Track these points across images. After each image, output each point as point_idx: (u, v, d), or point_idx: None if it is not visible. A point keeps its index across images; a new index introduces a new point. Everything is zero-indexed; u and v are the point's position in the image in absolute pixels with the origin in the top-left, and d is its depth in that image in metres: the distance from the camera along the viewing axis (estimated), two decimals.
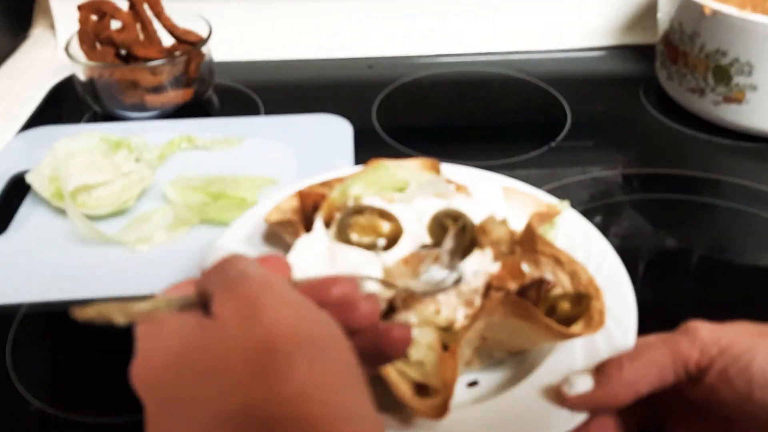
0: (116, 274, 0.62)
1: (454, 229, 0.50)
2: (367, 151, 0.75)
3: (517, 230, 0.52)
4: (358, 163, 0.73)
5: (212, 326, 0.32)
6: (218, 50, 0.88)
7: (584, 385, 0.43)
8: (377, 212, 0.52)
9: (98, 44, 0.83)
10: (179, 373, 0.31)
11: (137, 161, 0.72)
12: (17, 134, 0.82)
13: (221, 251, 0.36)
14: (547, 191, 0.61)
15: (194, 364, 0.31)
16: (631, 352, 0.44)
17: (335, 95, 0.90)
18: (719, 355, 0.41)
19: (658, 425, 0.47)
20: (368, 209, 0.52)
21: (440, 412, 0.42)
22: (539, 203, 0.57)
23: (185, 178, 0.71)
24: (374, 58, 0.97)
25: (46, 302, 0.60)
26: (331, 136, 0.79)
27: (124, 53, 0.83)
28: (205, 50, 0.85)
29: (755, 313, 0.45)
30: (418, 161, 0.59)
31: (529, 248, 0.51)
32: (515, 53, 0.98)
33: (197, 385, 0.31)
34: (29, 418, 0.52)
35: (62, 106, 0.90)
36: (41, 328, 0.60)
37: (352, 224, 0.51)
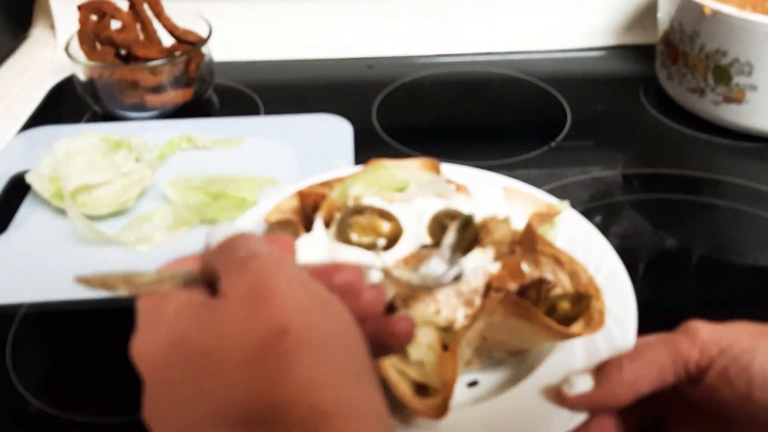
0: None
1: (456, 223, 0.49)
2: (367, 151, 0.75)
3: (518, 230, 0.52)
4: (358, 163, 0.73)
5: (219, 306, 0.31)
6: (218, 50, 0.88)
7: (584, 385, 0.43)
8: (377, 212, 0.52)
9: (98, 44, 0.83)
10: (182, 352, 0.30)
11: (137, 161, 0.72)
12: (17, 134, 0.82)
13: (227, 229, 0.35)
14: (547, 191, 0.61)
15: (199, 344, 0.30)
16: (631, 352, 0.44)
17: (335, 95, 0.90)
18: (719, 355, 0.41)
19: (658, 425, 0.47)
20: (368, 209, 0.52)
21: (440, 412, 0.42)
22: (539, 203, 0.57)
23: (185, 178, 0.71)
24: (374, 58, 0.97)
25: (46, 302, 0.60)
26: (331, 136, 0.79)
27: (124, 53, 0.83)
28: (205, 50, 0.85)
29: (755, 313, 0.45)
30: (418, 161, 0.59)
31: (529, 248, 0.51)
32: (515, 53, 0.98)
33: (201, 367, 0.30)
34: (29, 418, 0.52)
35: (62, 106, 0.90)
36: (41, 328, 0.60)
37: (352, 224, 0.51)
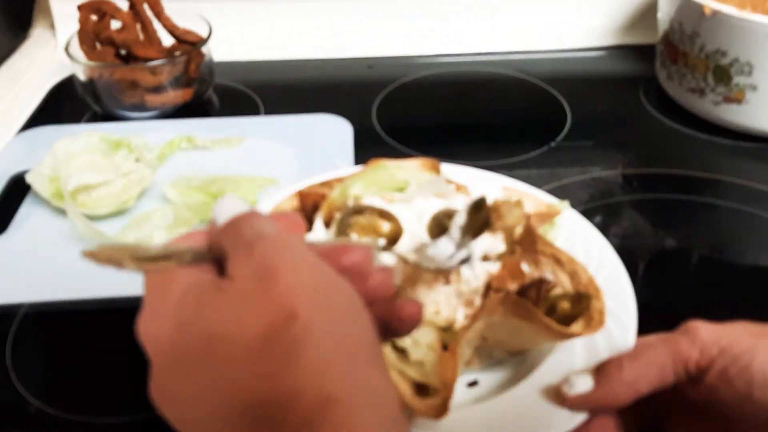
0: (116, 274, 0.62)
1: (468, 204, 0.48)
2: (367, 151, 0.75)
3: (530, 213, 0.52)
4: (358, 163, 0.73)
5: (227, 289, 0.30)
6: (218, 50, 0.88)
7: (584, 385, 0.43)
8: (377, 212, 0.52)
9: (98, 44, 0.83)
10: (189, 335, 0.30)
11: (137, 161, 0.72)
12: (17, 134, 0.82)
13: (235, 203, 0.34)
14: (547, 191, 0.61)
15: (206, 327, 0.30)
16: (631, 352, 0.44)
17: (335, 95, 0.90)
18: (719, 355, 0.41)
19: (658, 425, 0.47)
20: (368, 209, 0.52)
21: (440, 411, 0.42)
22: (539, 203, 0.57)
23: (185, 178, 0.71)
24: (374, 58, 0.97)
25: (46, 302, 0.60)
26: (331, 136, 0.79)
27: (124, 53, 0.83)
28: (205, 50, 0.85)
29: (755, 313, 0.45)
30: (418, 161, 0.59)
31: (529, 248, 0.51)
32: (515, 53, 0.98)
33: (207, 350, 0.29)
34: (29, 417, 0.52)
35: (62, 106, 0.90)
36: (41, 328, 0.60)
37: (352, 224, 0.51)
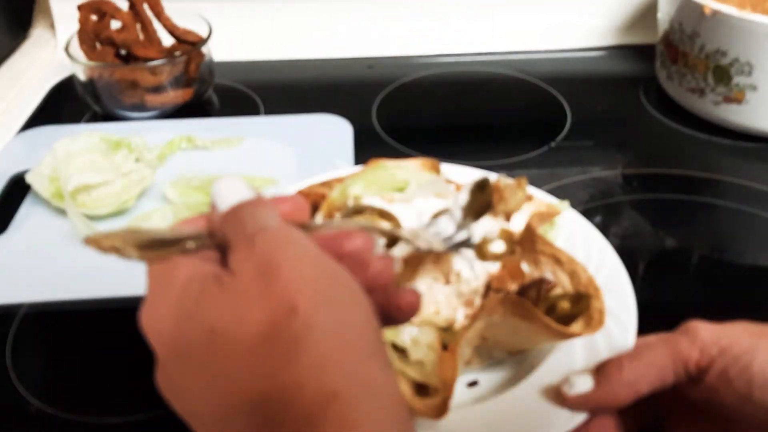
0: (116, 274, 0.62)
1: (471, 183, 0.48)
2: (367, 151, 0.75)
3: (514, 230, 0.52)
4: (358, 163, 0.73)
5: (228, 283, 0.30)
6: (218, 50, 0.88)
7: (584, 385, 0.43)
8: (377, 212, 0.52)
9: (98, 44, 0.83)
10: (191, 328, 0.30)
11: (137, 161, 0.72)
12: (17, 134, 0.82)
13: (234, 184, 0.34)
14: (547, 191, 0.61)
15: (208, 321, 0.30)
16: (631, 352, 0.44)
17: (335, 95, 0.90)
18: (719, 355, 0.41)
19: (658, 425, 0.47)
20: (368, 209, 0.52)
21: (440, 411, 0.42)
22: (539, 203, 0.57)
23: (185, 178, 0.71)
24: (374, 58, 0.97)
25: (46, 302, 0.60)
26: (331, 136, 0.79)
27: (124, 53, 0.83)
28: (205, 50, 0.85)
29: (755, 313, 0.45)
30: (418, 161, 0.59)
31: (529, 248, 0.51)
32: (515, 53, 0.98)
33: (209, 344, 0.29)
34: (29, 417, 0.52)
35: (62, 106, 0.90)
36: (41, 328, 0.60)
37: None
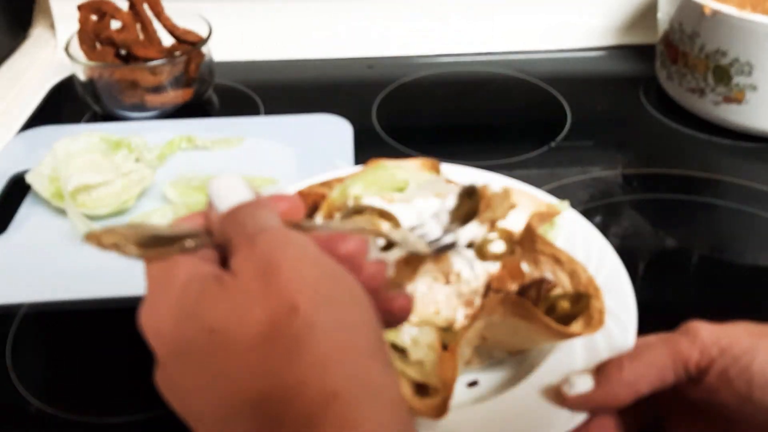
0: (116, 274, 0.62)
1: (459, 188, 0.48)
2: (367, 151, 0.75)
3: (514, 230, 0.52)
4: (358, 163, 0.73)
5: (229, 283, 0.30)
6: (218, 50, 0.88)
7: (584, 385, 0.43)
8: (377, 212, 0.52)
9: (98, 44, 0.83)
10: (191, 327, 0.30)
11: (137, 161, 0.72)
12: (17, 134, 0.82)
13: (232, 182, 0.34)
14: (547, 191, 0.61)
15: (208, 320, 0.30)
16: (631, 352, 0.44)
17: (335, 95, 0.90)
18: (719, 355, 0.41)
19: (658, 425, 0.47)
20: (368, 209, 0.52)
21: (440, 411, 0.42)
22: (539, 203, 0.57)
23: (185, 178, 0.71)
24: (374, 58, 0.97)
25: (46, 302, 0.60)
26: (331, 136, 0.79)
27: (124, 53, 0.83)
28: (205, 50, 0.85)
29: (755, 313, 0.45)
30: (418, 161, 0.59)
31: (529, 248, 0.51)
32: (515, 53, 0.98)
33: (210, 344, 0.29)
34: (29, 417, 0.52)
35: (62, 106, 0.90)
36: (41, 328, 0.60)
37: None
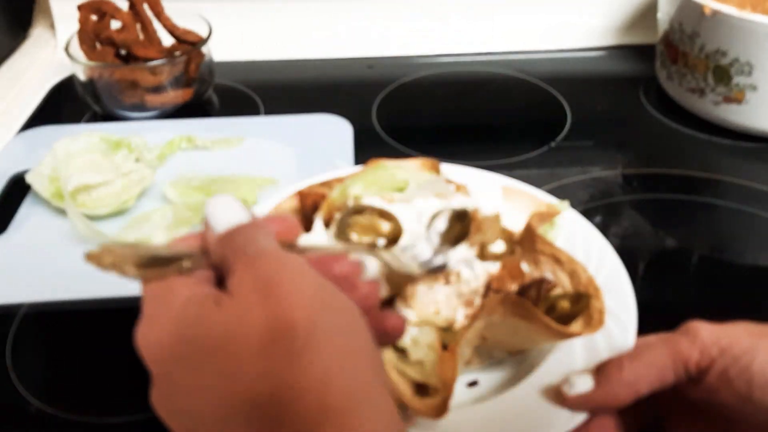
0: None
1: (450, 211, 0.49)
2: (367, 151, 0.75)
3: (514, 230, 0.52)
4: (358, 163, 0.73)
5: (228, 304, 0.31)
6: (218, 50, 0.88)
7: (584, 385, 0.43)
8: (377, 212, 0.52)
9: (98, 44, 0.83)
10: (189, 347, 0.30)
11: (137, 161, 0.72)
12: (17, 134, 0.82)
13: (229, 208, 0.34)
14: (547, 191, 0.61)
15: (206, 340, 0.30)
16: (631, 352, 0.44)
17: (335, 95, 0.90)
18: (719, 355, 0.41)
19: (658, 425, 0.47)
20: (368, 209, 0.52)
21: (440, 411, 0.42)
22: (539, 203, 0.57)
23: (185, 178, 0.71)
24: (374, 58, 0.97)
25: (46, 302, 0.60)
26: (331, 136, 0.79)
27: (124, 53, 0.83)
28: (205, 50, 0.85)
29: (755, 313, 0.45)
30: (418, 161, 0.59)
31: (529, 248, 0.51)
32: (515, 53, 0.98)
33: (208, 363, 0.30)
34: (29, 417, 0.52)
35: (62, 106, 0.90)
36: (41, 328, 0.60)
37: (351, 224, 0.51)
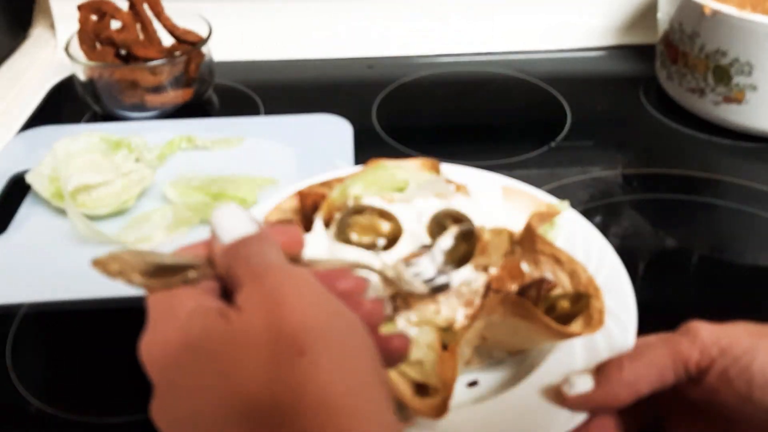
0: None
1: (456, 228, 0.49)
2: (367, 151, 0.75)
3: (514, 230, 0.52)
4: (358, 163, 0.73)
5: (234, 318, 0.31)
6: (218, 50, 0.88)
7: (584, 385, 0.43)
8: (377, 212, 0.52)
9: (98, 44, 0.83)
10: (194, 359, 0.30)
11: (137, 161, 0.72)
12: (17, 134, 0.82)
13: (235, 218, 0.34)
14: (547, 191, 0.61)
15: (211, 353, 0.30)
16: (631, 352, 0.44)
17: (335, 95, 0.90)
18: (719, 355, 0.41)
19: (658, 425, 0.47)
20: (368, 209, 0.52)
21: (440, 411, 0.42)
22: (539, 203, 0.57)
23: (185, 178, 0.71)
24: (374, 58, 0.97)
25: (46, 302, 0.60)
26: (331, 136, 0.79)
27: (124, 53, 0.83)
28: (205, 50, 0.85)
29: (755, 313, 0.45)
30: (418, 161, 0.59)
31: (529, 248, 0.51)
32: (515, 53, 0.98)
33: (214, 377, 0.30)
34: (29, 417, 0.52)
35: (62, 106, 0.90)
36: (41, 328, 0.60)
37: (351, 224, 0.51)
